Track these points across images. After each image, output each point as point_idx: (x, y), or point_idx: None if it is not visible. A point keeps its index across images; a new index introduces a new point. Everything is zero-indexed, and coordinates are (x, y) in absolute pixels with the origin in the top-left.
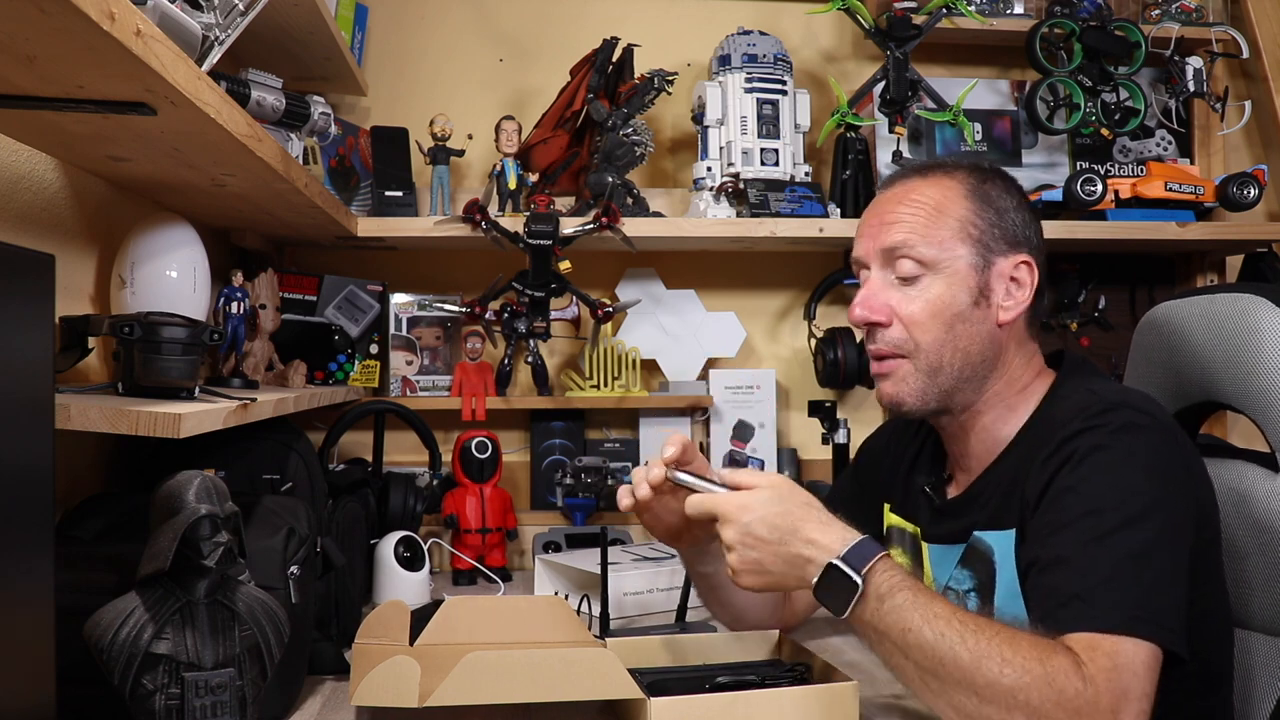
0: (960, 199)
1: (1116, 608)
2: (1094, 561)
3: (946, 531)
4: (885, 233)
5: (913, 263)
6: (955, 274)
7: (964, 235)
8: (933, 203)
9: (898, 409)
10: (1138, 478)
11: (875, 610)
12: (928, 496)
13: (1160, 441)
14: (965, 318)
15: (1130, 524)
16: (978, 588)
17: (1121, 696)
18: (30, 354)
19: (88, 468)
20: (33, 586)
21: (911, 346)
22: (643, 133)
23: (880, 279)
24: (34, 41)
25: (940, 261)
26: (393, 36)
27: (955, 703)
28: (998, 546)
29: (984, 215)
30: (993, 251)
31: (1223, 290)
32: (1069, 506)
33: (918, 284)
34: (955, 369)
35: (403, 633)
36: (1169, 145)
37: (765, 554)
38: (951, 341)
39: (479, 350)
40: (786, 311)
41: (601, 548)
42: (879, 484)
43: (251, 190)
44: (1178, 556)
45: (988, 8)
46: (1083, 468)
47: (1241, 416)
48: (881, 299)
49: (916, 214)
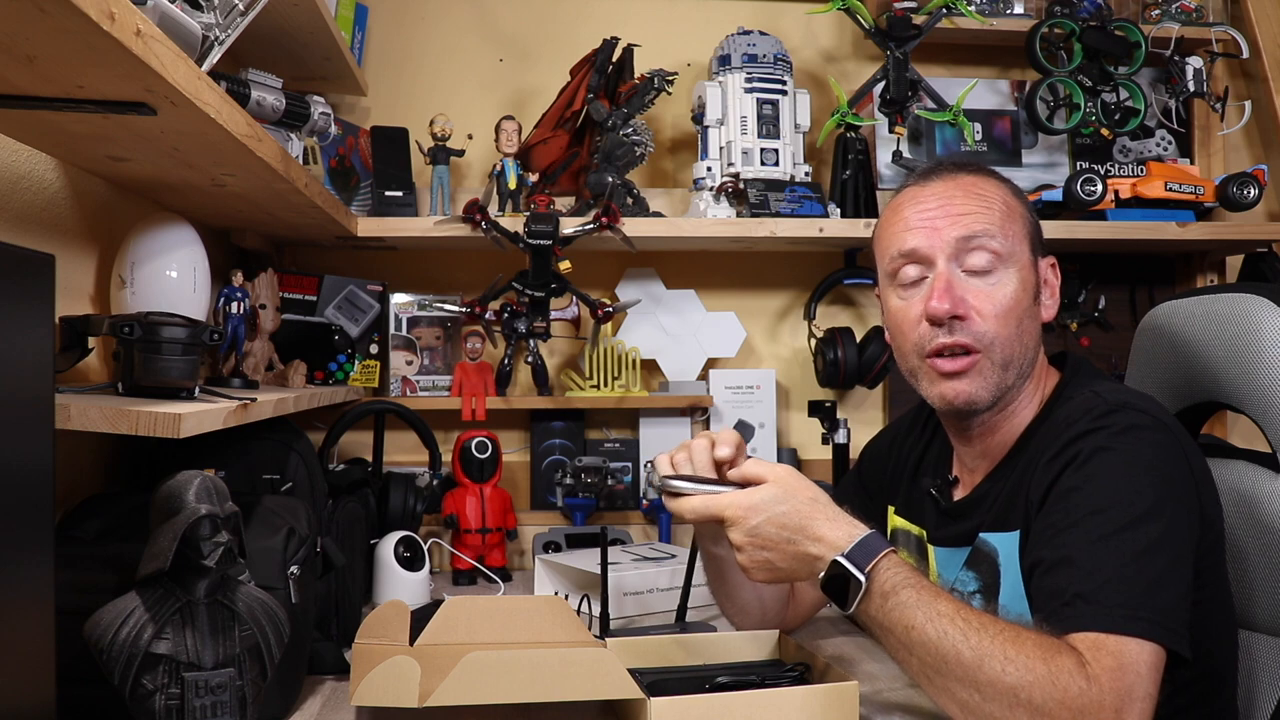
0: (1016, 197)
1: (1121, 608)
2: (1098, 562)
3: (952, 534)
4: (959, 224)
5: (989, 255)
6: (1023, 269)
7: (1026, 233)
8: (999, 198)
9: (971, 408)
10: (1142, 479)
11: (880, 607)
12: (933, 499)
13: (1164, 443)
14: (1029, 314)
15: (1134, 524)
16: (983, 589)
17: (1126, 696)
18: (30, 354)
19: (88, 468)
20: (33, 586)
21: (988, 341)
22: (643, 133)
23: (949, 272)
24: (34, 41)
25: (1013, 256)
26: (393, 36)
27: (959, 699)
28: (1002, 548)
29: (1032, 215)
30: (1038, 251)
31: (1224, 290)
32: (1073, 507)
33: (991, 277)
34: (1018, 366)
35: (403, 633)
36: (1169, 145)
37: (774, 554)
38: (1020, 337)
39: (479, 350)
40: (786, 311)
41: (601, 548)
42: (883, 487)
43: (251, 190)
44: (1181, 557)
45: (988, 8)
46: (1087, 468)
47: (1242, 416)
48: (959, 291)
49: (990, 207)
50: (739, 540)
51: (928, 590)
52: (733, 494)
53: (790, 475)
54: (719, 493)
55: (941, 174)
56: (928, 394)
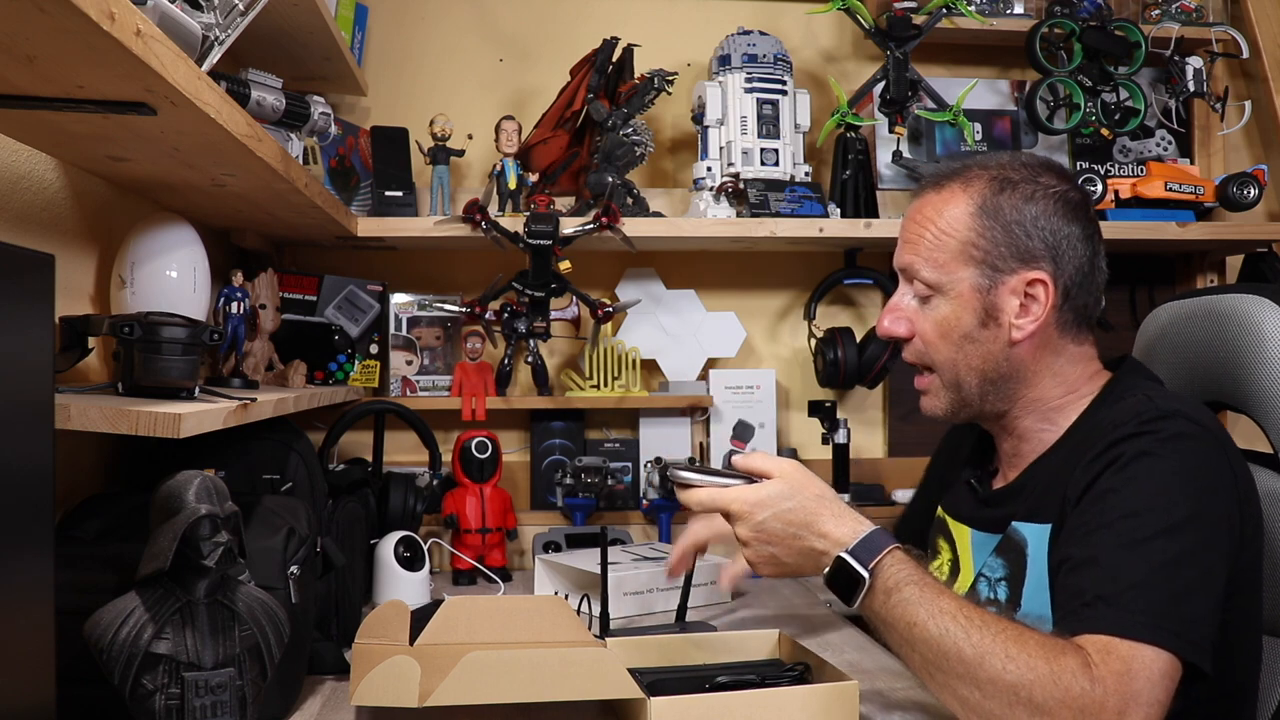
0: (966, 218)
1: (1141, 614)
2: (1125, 566)
3: (987, 519)
4: (901, 251)
5: (919, 283)
6: (959, 296)
7: (965, 257)
8: (936, 224)
9: (936, 419)
10: (1181, 488)
11: (883, 603)
12: (972, 488)
13: (1209, 453)
14: (973, 338)
15: (1167, 533)
16: (1009, 577)
17: (1130, 700)
18: (30, 354)
19: (88, 468)
20: (33, 586)
21: (929, 361)
22: (643, 133)
23: (905, 292)
24: (34, 41)
25: (943, 284)
26: (393, 36)
27: (960, 696)
28: (1032, 539)
29: (989, 234)
30: (1000, 270)
31: (1226, 291)
32: (1108, 508)
33: (929, 303)
34: (974, 384)
35: (403, 633)
36: (1169, 145)
37: (780, 549)
38: (964, 360)
39: (479, 350)
40: (786, 311)
41: (601, 548)
42: (937, 488)
43: (251, 190)
44: (1212, 571)
45: (988, 8)
46: (1127, 471)
47: (1241, 417)
48: (903, 312)
49: (922, 235)
50: (745, 535)
51: (931, 587)
52: (739, 489)
53: (797, 471)
54: (727, 486)
55: (922, 189)
56: None
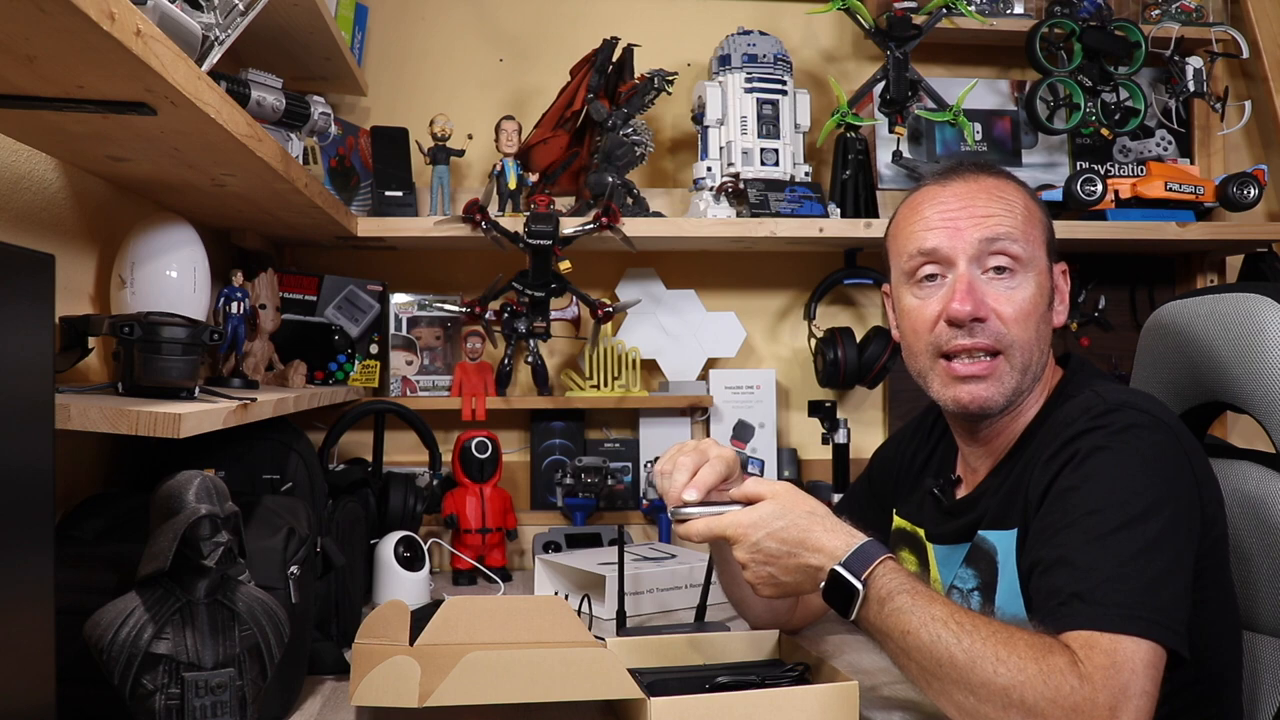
0: (1036, 203)
1: (1116, 606)
2: (1095, 561)
3: (952, 531)
4: (983, 225)
5: (1009, 258)
6: (1040, 274)
7: (1044, 238)
8: (1020, 201)
9: (984, 412)
10: (1139, 478)
11: (877, 613)
12: (935, 498)
13: (1163, 441)
14: (1044, 319)
15: (1131, 524)
16: (981, 587)
17: (1120, 694)
18: (30, 354)
19: (88, 468)
20: (33, 586)
21: (1008, 343)
22: (643, 133)
23: (970, 274)
24: (34, 41)
25: (1033, 260)
26: (393, 36)
27: (955, 701)
28: (1000, 546)
29: (1048, 220)
30: (1052, 257)
31: (1229, 290)
32: (1071, 507)
33: (1011, 280)
34: (1035, 370)
35: (403, 633)
36: (1169, 145)
37: (777, 568)
38: (1037, 341)
39: (479, 350)
40: (786, 311)
41: (619, 547)
42: (890, 491)
43: (251, 190)
44: (1180, 556)
45: (988, 8)
46: (1084, 468)
47: (1242, 417)
48: (980, 294)
49: (1012, 210)
50: (743, 557)
51: (923, 595)
52: (734, 513)
53: (788, 491)
54: (721, 513)
55: (963, 174)
56: (939, 395)
